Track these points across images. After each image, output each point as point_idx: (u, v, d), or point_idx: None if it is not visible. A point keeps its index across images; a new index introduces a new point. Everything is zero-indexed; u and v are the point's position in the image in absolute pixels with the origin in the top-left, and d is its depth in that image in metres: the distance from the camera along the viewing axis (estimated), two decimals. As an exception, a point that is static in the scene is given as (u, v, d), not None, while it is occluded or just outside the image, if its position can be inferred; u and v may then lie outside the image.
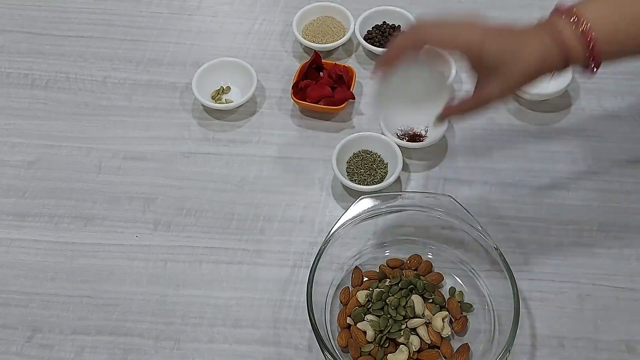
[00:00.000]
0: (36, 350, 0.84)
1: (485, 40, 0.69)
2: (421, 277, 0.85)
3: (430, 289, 0.84)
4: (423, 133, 0.99)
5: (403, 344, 0.80)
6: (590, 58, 0.70)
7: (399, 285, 0.83)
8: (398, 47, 0.73)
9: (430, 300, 0.83)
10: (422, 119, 0.77)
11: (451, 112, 0.77)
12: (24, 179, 0.99)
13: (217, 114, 1.05)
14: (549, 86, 1.01)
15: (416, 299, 0.82)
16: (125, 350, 0.84)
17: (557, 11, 0.72)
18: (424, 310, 0.82)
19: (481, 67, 0.71)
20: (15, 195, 0.97)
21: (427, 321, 0.81)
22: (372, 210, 0.86)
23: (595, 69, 0.70)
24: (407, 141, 0.98)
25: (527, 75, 0.71)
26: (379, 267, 0.87)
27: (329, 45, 1.09)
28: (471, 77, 0.74)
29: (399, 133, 0.99)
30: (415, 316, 0.81)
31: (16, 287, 0.89)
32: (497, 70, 0.70)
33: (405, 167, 0.97)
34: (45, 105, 1.07)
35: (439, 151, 0.98)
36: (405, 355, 0.79)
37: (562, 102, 1.04)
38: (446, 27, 0.72)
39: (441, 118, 0.78)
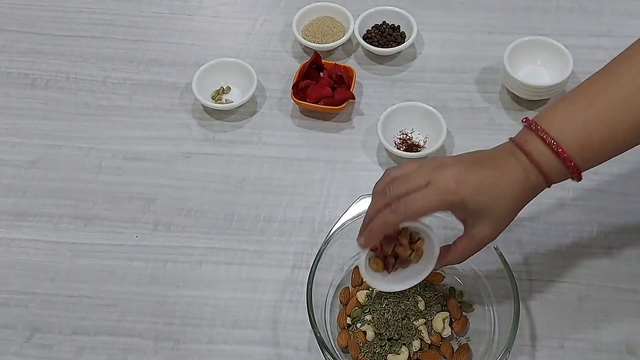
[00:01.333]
0: (35, 350, 0.84)
1: (462, 194, 0.67)
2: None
3: (430, 288, 0.84)
4: (421, 144, 0.99)
5: (403, 344, 0.80)
6: (571, 173, 0.69)
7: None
8: (375, 228, 0.70)
9: (430, 300, 0.83)
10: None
11: (447, 261, 0.75)
12: (24, 179, 0.99)
13: (217, 114, 1.05)
14: (547, 79, 1.02)
15: (416, 299, 0.82)
16: (125, 351, 0.84)
17: (525, 133, 0.70)
18: (424, 310, 0.82)
19: (466, 215, 0.70)
20: (15, 195, 0.97)
21: (428, 321, 0.81)
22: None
23: (578, 177, 0.70)
24: (404, 151, 0.98)
25: (514, 209, 0.71)
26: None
27: (328, 45, 1.09)
28: (456, 220, 0.73)
29: (397, 141, 0.99)
30: (416, 316, 0.81)
31: (16, 287, 0.89)
32: (483, 214, 0.69)
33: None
34: (45, 105, 1.07)
35: (438, 152, 0.98)
36: (405, 355, 0.79)
37: (562, 102, 1.04)
38: (419, 195, 0.68)
39: (437, 268, 0.76)
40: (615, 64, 0.72)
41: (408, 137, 1.00)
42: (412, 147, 0.99)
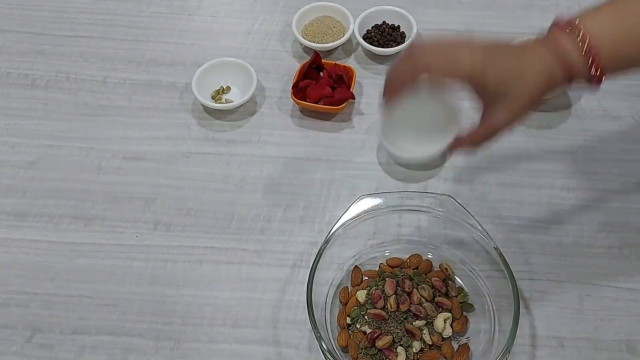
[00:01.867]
0: (36, 350, 0.84)
1: (487, 65, 0.67)
2: (423, 274, 0.85)
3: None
4: None
5: (400, 345, 0.80)
6: (594, 73, 0.68)
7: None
8: (396, 77, 0.70)
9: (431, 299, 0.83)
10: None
11: (461, 144, 0.74)
12: (24, 179, 0.99)
13: (217, 114, 1.05)
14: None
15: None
16: (125, 350, 0.84)
17: (557, 26, 0.70)
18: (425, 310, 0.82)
19: (485, 93, 0.69)
20: (15, 196, 0.97)
21: (429, 321, 0.81)
22: (372, 210, 0.86)
23: (598, 84, 0.69)
24: None
25: (534, 97, 0.69)
26: (379, 267, 0.87)
27: (328, 45, 1.09)
28: (476, 105, 0.72)
29: None
30: (416, 316, 0.81)
31: (16, 287, 0.89)
32: (503, 96, 0.68)
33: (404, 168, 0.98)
34: (45, 105, 1.07)
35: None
36: (403, 356, 0.79)
37: (562, 102, 1.04)
38: (445, 53, 0.68)
39: (451, 150, 0.74)
40: None
41: None
42: None
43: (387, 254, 0.89)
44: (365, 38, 1.11)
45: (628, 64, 0.70)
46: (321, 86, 1.03)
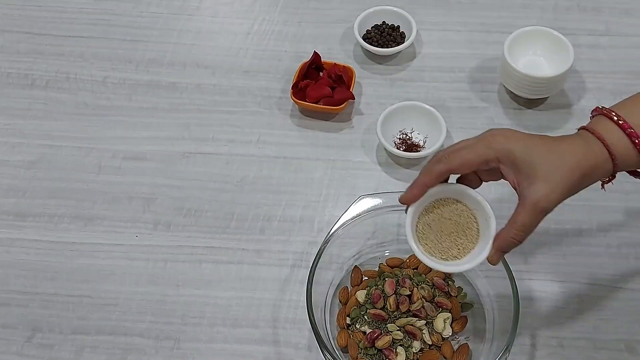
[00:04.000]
0: (36, 349, 0.84)
1: (510, 145, 0.64)
2: (423, 274, 0.86)
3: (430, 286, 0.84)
4: (421, 143, 0.99)
5: (400, 345, 0.80)
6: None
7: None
8: (418, 183, 0.68)
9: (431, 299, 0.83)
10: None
11: (509, 242, 0.68)
12: (24, 179, 0.99)
13: (216, 115, 1.05)
14: (547, 71, 1.02)
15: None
16: (125, 350, 0.84)
17: (593, 118, 0.68)
18: (425, 310, 0.82)
19: (518, 175, 0.65)
20: (15, 195, 0.97)
21: (429, 322, 0.81)
22: (372, 210, 0.86)
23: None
24: (404, 150, 0.98)
25: (571, 174, 0.65)
26: (379, 266, 0.87)
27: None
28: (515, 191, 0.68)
29: (397, 141, 0.99)
30: (416, 316, 0.81)
31: (16, 287, 0.89)
32: (535, 174, 0.64)
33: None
34: (45, 105, 1.07)
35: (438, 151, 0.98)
36: (403, 357, 0.79)
37: (561, 102, 1.04)
38: (466, 148, 0.66)
39: (496, 257, 0.69)
40: None
41: (408, 137, 1.00)
42: (411, 147, 0.99)
43: (387, 253, 0.89)
44: (365, 38, 1.11)
45: None
46: (321, 86, 1.03)
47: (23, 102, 1.08)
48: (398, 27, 1.12)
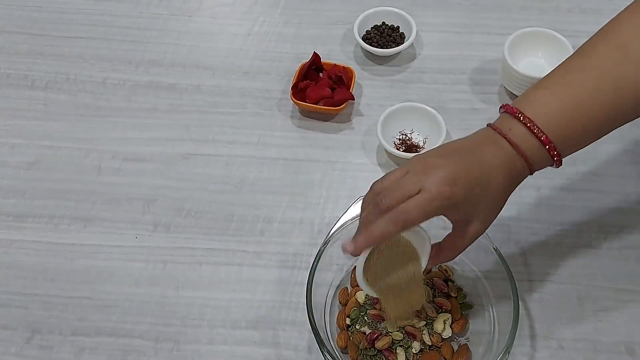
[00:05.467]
0: (35, 351, 0.84)
1: (455, 198, 0.66)
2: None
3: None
4: (421, 144, 0.99)
5: (400, 345, 0.80)
6: (553, 160, 0.70)
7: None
8: (372, 240, 0.69)
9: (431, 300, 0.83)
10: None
11: (441, 261, 0.75)
12: (24, 180, 0.99)
13: (216, 115, 1.05)
14: (547, 72, 1.02)
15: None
16: (125, 352, 0.84)
17: (507, 120, 0.70)
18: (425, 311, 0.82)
19: (458, 215, 0.69)
20: (15, 196, 0.97)
21: (428, 322, 0.81)
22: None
23: (559, 165, 0.71)
24: (403, 151, 0.98)
25: (502, 201, 0.71)
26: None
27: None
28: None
29: (397, 142, 0.99)
30: (416, 317, 0.81)
31: (16, 288, 0.89)
32: (475, 213, 0.69)
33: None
34: (44, 106, 1.07)
35: None
36: (402, 358, 0.79)
37: (561, 103, 1.04)
38: (413, 204, 0.66)
39: (429, 267, 0.77)
40: (590, 43, 0.71)
41: (408, 138, 1.00)
42: (411, 147, 0.99)
43: (387, 255, 0.89)
44: (364, 39, 1.11)
45: (583, 135, 0.71)
46: (321, 87, 1.03)
47: (23, 102, 1.08)
48: (398, 28, 1.12)
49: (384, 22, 1.13)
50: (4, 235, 0.94)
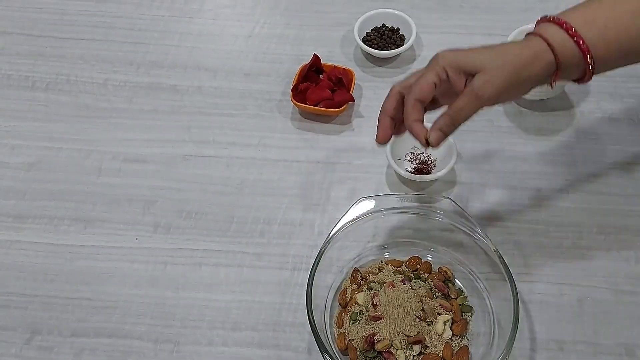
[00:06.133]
0: (35, 352, 0.84)
1: (455, 56, 0.70)
2: (423, 274, 0.86)
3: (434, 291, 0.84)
4: (430, 163, 0.97)
5: (400, 347, 0.80)
6: (586, 61, 0.69)
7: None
8: (383, 110, 0.76)
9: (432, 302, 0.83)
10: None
11: (448, 121, 0.73)
12: (24, 181, 0.99)
13: (219, 117, 1.05)
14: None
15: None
16: (125, 353, 0.84)
17: (539, 23, 0.72)
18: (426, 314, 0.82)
19: (465, 76, 0.70)
20: (15, 197, 0.97)
21: (429, 324, 0.81)
22: (372, 213, 0.86)
23: (590, 76, 0.70)
24: (416, 174, 0.95)
25: (512, 67, 0.69)
26: (378, 269, 0.87)
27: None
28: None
29: (409, 169, 0.97)
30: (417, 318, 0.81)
31: (16, 289, 0.89)
32: (478, 69, 0.70)
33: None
34: (45, 107, 1.07)
35: (449, 173, 0.96)
36: (402, 359, 0.79)
37: (561, 104, 1.04)
38: (419, 75, 0.73)
39: (435, 135, 0.73)
40: None
41: (417, 158, 0.98)
42: (423, 168, 0.97)
43: (387, 256, 0.89)
44: (364, 41, 1.11)
45: (616, 56, 0.71)
46: (321, 89, 1.03)
47: (23, 104, 1.08)
48: (398, 29, 1.12)
49: (384, 24, 1.13)
50: (4, 236, 0.94)
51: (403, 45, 1.09)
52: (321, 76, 1.07)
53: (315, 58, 1.06)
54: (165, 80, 1.10)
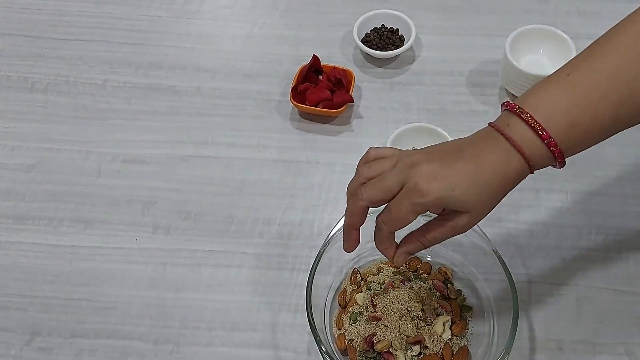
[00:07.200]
0: (35, 353, 0.84)
1: (437, 194, 0.64)
2: (422, 275, 0.86)
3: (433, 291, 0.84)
4: None
5: (400, 348, 0.80)
6: (555, 158, 0.66)
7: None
8: (352, 225, 0.71)
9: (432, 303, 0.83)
10: None
11: (420, 247, 0.71)
12: (24, 182, 0.99)
13: (218, 118, 1.05)
14: (549, 69, 1.02)
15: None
16: (124, 354, 0.84)
17: (505, 114, 0.68)
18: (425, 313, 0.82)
19: (444, 209, 0.68)
20: (14, 199, 0.97)
21: (428, 324, 0.81)
22: (371, 213, 0.86)
23: (562, 165, 0.67)
24: None
25: (494, 199, 0.67)
26: (377, 269, 0.87)
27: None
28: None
29: None
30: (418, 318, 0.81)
31: (15, 290, 0.89)
32: (461, 208, 0.66)
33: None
34: (44, 108, 1.07)
35: None
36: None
37: (560, 105, 1.04)
38: (395, 209, 0.67)
39: (402, 258, 0.72)
40: (598, 44, 0.69)
41: None
42: None
43: (386, 256, 0.89)
44: (364, 41, 1.11)
45: (587, 135, 0.67)
46: (320, 89, 1.03)
47: (22, 105, 1.08)
48: (397, 30, 1.12)
49: (383, 25, 1.13)
50: (3, 237, 0.94)
51: (402, 46, 1.09)
52: (320, 77, 1.07)
53: (315, 59, 1.06)
54: (165, 81, 1.10)
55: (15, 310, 0.87)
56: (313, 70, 1.06)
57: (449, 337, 0.81)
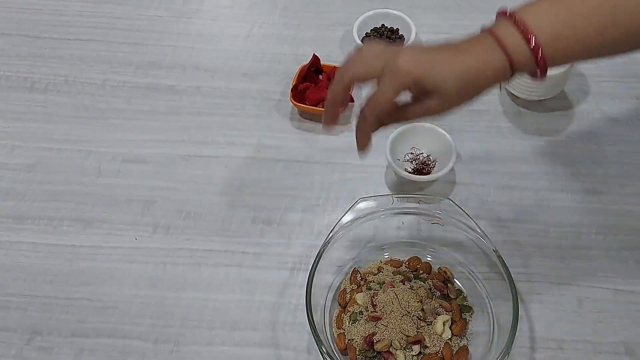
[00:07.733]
0: (35, 353, 0.84)
1: (415, 74, 0.67)
2: (422, 274, 0.86)
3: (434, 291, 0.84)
4: (430, 163, 0.98)
5: (400, 347, 0.80)
6: (537, 63, 0.67)
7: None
8: (333, 100, 0.72)
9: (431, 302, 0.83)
10: None
11: (394, 120, 0.72)
12: (24, 182, 0.99)
13: (218, 117, 1.05)
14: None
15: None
16: (124, 353, 0.84)
17: (497, 19, 0.70)
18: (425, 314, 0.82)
19: (420, 92, 0.69)
20: (14, 198, 0.97)
21: (428, 324, 0.81)
22: (371, 213, 0.86)
23: (543, 74, 0.68)
24: (416, 174, 0.96)
25: (467, 89, 0.68)
26: (377, 269, 0.87)
27: None
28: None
29: (409, 169, 0.97)
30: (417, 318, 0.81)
31: (15, 290, 0.89)
32: (434, 91, 0.67)
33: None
34: (44, 108, 1.07)
35: (448, 174, 0.96)
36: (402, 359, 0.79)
37: (560, 104, 1.04)
38: (378, 93, 0.68)
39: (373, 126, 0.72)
40: None
41: (416, 157, 0.99)
42: (422, 168, 0.97)
43: (386, 256, 0.89)
44: (364, 41, 1.11)
45: (570, 53, 0.69)
46: (320, 89, 1.03)
47: (22, 105, 1.08)
48: (397, 30, 1.12)
49: (383, 24, 1.13)
50: (3, 237, 0.94)
51: (402, 45, 1.09)
52: (320, 76, 1.07)
53: (315, 58, 1.06)
54: (164, 81, 1.10)
55: (15, 310, 0.87)
56: (313, 70, 1.06)
57: (449, 336, 0.81)
